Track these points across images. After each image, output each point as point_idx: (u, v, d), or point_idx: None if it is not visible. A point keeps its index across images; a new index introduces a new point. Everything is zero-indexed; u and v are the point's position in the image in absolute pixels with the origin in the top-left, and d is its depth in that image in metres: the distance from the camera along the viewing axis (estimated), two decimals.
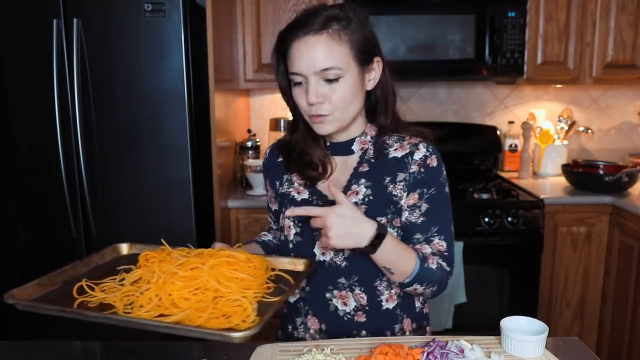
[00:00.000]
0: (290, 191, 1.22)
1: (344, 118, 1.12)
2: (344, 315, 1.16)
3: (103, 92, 2.07)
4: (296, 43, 1.08)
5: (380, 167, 1.16)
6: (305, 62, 1.07)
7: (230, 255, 1.04)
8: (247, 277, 1.00)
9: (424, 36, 2.54)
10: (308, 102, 1.09)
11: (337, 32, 1.07)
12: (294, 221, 1.18)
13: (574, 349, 1.04)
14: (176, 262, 1.04)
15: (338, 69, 1.07)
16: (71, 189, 2.10)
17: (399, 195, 1.14)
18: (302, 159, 1.20)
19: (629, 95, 3.03)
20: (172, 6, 2.01)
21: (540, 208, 2.41)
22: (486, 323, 2.50)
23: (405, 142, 1.18)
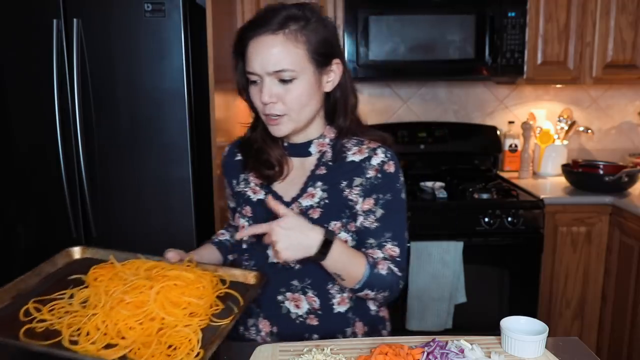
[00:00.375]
0: (246, 190, 1.21)
1: (299, 120, 1.12)
2: (296, 318, 1.16)
3: (103, 92, 2.07)
4: (253, 42, 1.07)
5: (338, 171, 1.16)
6: (260, 62, 1.06)
7: (178, 277, 1.02)
8: (194, 302, 0.98)
9: (424, 36, 2.54)
10: (262, 102, 1.09)
11: (294, 32, 1.06)
12: (248, 221, 1.18)
13: (574, 349, 1.04)
14: (124, 283, 1.01)
15: (291, 71, 1.06)
16: (71, 189, 2.10)
17: (354, 200, 1.14)
18: (259, 158, 1.19)
19: (629, 95, 3.03)
20: (172, 6, 2.01)
21: (540, 208, 2.41)
22: (486, 323, 2.50)
23: (363, 146, 1.18)
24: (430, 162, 2.89)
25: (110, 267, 1.10)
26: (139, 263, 1.11)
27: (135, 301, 0.96)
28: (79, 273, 1.12)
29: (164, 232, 2.14)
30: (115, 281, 1.03)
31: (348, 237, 1.14)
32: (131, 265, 1.10)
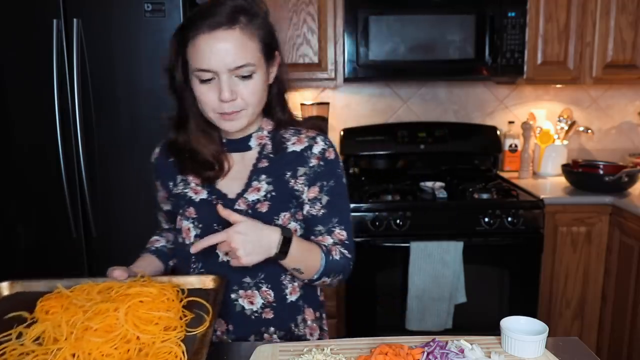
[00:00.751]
0: (186, 192, 1.18)
1: (254, 114, 1.11)
2: (252, 314, 1.16)
3: (103, 92, 2.07)
4: (204, 37, 1.02)
5: (280, 162, 1.15)
6: (218, 59, 1.02)
7: (141, 293, 0.98)
8: (164, 315, 0.95)
9: (424, 36, 2.54)
10: (221, 99, 1.04)
11: (247, 26, 1.04)
12: (193, 222, 1.15)
13: (574, 349, 1.04)
14: (83, 310, 0.95)
15: (252, 66, 1.04)
16: (71, 189, 2.10)
17: (300, 190, 1.15)
18: (196, 159, 1.15)
19: (629, 95, 3.03)
20: (172, 6, 2.02)
21: (540, 208, 2.41)
22: (486, 323, 2.50)
23: (302, 135, 1.17)
24: (430, 162, 2.89)
25: (59, 297, 1.02)
26: (88, 287, 1.06)
27: (103, 326, 0.90)
28: (13, 311, 1.03)
29: None
30: (72, 310, 0.96)
31: (297, 226, 1.15)
32: (80, 290, 1.05)
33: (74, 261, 2.15)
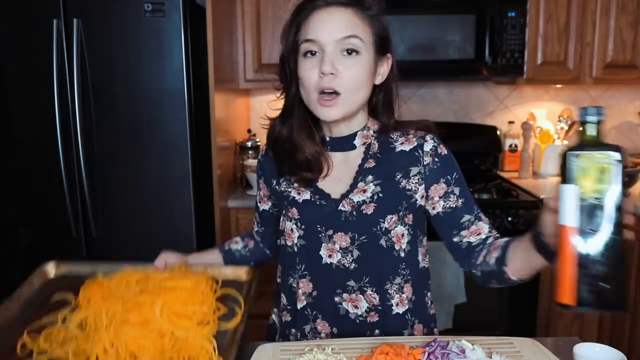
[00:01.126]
0: (289, 191, 1.15)
1: (352, 103, 1.07)
2: (356, 318, 1.13)
3: (103, 92, 2.07)
4: (318, 11, 1.05)
5: (389, 163, 1.12)
6: (327, 29, 1.03)
7: (176, 287, 1.00)
8: (199, 310, 0.97)
9: (424, 36, 2.54)
10: (321, 71, 1.03)
11: (361, 12, 1.06)
12: (296, 223, 1.13)
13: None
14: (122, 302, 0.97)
15: (359, 40, 1.04)
16: (71, 189, 2.10)
17: (413, 189, 1.11)
18: (294, 158, 1.13)
19: (629, 95, 3.03)
20: (172, 6, 2.01)
21: (540, 208, 2.41)
22: (486, 323, 2.50)
23: (410, 135, 1.15)
24: None
25: (100, 285, 1.06)
26: (127, 275, 1.08)
27: (140, 319, 0.93)
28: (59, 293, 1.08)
29: (164, 232, 2.14)
30: (111, 300, 0.99)
31: (405, 231, 1.11)
32: (120, 279, 1.07)
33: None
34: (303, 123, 1.13)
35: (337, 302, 1.13)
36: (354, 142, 1.15)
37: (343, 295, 1.12)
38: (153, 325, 0.92)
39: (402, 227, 1.11)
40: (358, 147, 1.15)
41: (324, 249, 1.11)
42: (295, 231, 1.13)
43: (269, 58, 2.57)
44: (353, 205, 1.10)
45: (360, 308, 1.12)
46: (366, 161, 1.13)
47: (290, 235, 1.14)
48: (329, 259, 1.11)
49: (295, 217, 1.13)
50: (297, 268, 1.15)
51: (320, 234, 1.11)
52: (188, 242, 2.15)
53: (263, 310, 1.39)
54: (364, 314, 1.13)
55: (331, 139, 1.16)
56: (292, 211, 1.13)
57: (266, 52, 2.58)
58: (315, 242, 1.12)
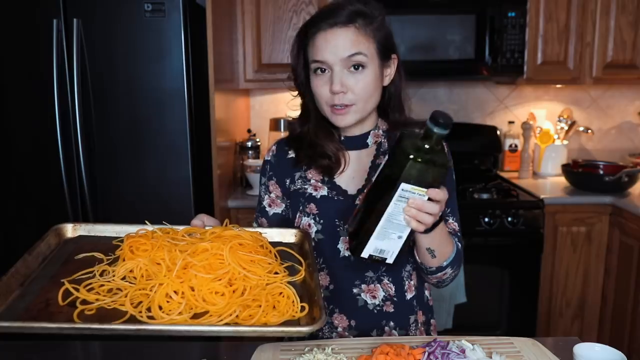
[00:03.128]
0: (306, 188, 1.19)
1: (365, 110, 1.14)
2: (374, 308, 1.17)
3: (103, 92, 2.07)
4: (322, 33, 1.09)
5: None
6: (332, 49, 1.08)
7: (237, 236, 0.95)
8: (265, 259, 0.92)
9: (424, 36, 2.54)
10: (332, 91, 1.09)
11: (363, 27, 1.09)
12: (314, 218, 1.17)
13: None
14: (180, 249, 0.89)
15: (363, 55, 1.08)
16: (71, 189, 2.10)
17: None
18: (314, 150, 1.18)
19: (629, 95, 3.03)
20: (172, 6, 2.01)
21: (540, 208, 2.41)
22: (486, 323, 2.50)
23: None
24: None
25: (145, 237, 0.96)
26: (170, 230, 1.01)
27: (206, 264, 0.85)
28: (81, 252, 0.99)
29: None
30: (162, 250, 0.89)
31: None
32: (164, 232, 0.99)
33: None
34: (320, 125, 1.19)
35: (356, 293, 1.17)
36: (367, 141, 1.21)
37: (362, 286, 1.17)
38: (227, 269, 0.85)
39: None
40: (370, 146, 1.21)
41: (341, 243, 1.17)
42: (314, 226, 1.17)
43: (269, 58, 2.57)
44: None
45: (378, 297, 1.17)
46: (378, 158, 1.20)
47: (308, 230, 1.17)
48: (347, 251, 1.16)
49: (314, 212, 1.17)
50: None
51: (339, 228, 1.16)
52: None
53: None
54: (381, 303, 1.17)
55: (345, 138, 1.21)
56: (310, 207, 1.17)
57: (266, 52, 2.58)
58: (333, 236, 1.16)
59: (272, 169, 1.25)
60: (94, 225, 1.09)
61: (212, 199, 2.29)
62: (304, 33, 1.14)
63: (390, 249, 0.96)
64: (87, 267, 0.93)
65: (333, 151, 1.17)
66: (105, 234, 1.08)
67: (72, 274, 0.91)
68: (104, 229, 1.09)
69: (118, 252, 0.96)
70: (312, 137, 1.18)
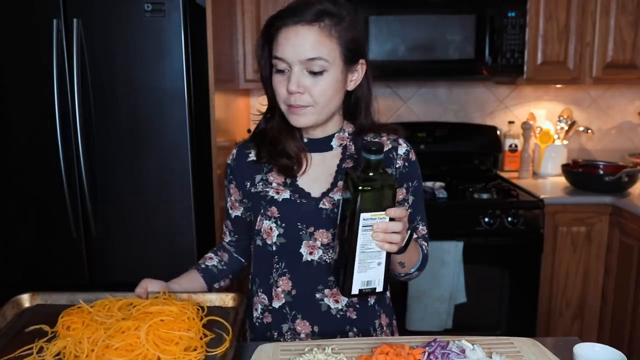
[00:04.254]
0: (267, 191, 1.16)
1: (322, 113, 1.11)
2: (337, 313, 1.16)
3: (103, 92, 2.07)
4: (285, 29, 1.06)
5: None
6: (292, 50, 1.05)
7: (162, 312, 0.98)
8: (185, 335, 0.94)
9: (424, 36, 2.54)
10: (288, 91, 1.07)
11: (329, 27, 1.06)
12: (276, 221, 1.15)
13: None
14: (104, 328, 0.94)
15: (324, 61, 1.06)
16: (71, 189, 2.10)
17: None
18: (275, 147, 1.16)
19: (629, 95, 3.03)
20: (172, 6, 2.01)
21: (540, 208, 2.41)
22: (486, 323, 2.50)
23: (384, 137, 1.20)
24: (430, 162, 2.89)
25: (80, 312, 1.03)
26: (108, 302, 1.06)
27: (124, 345, 0.90)
28: (34, 324, 1.04)
29: (164, 232, 2.14)
30: (93, 326, 0.96)
31: None
32: (101, 306, 1.05)
33: (74, 261, 2.15)
34: (284, 124, 1.16)
35: (319, 298, 1.16)
36: (331, 144, 1.19)
37: (324, 291, 1.15)
38: (138, 351, 0.89)
39: None
40: (335, 148, 1.19)
41: (304, 247, 1.14)
42: (275, 229, 1.15)
43: None
44: (334, 203, 1.14)
45: (341, 302, 1.16)
46: (344, 161, 1.18)
47: (269, 234, 1.16)
48: (310, 256, 1.14)
49: (275, 215, 1.15)
50: (275, 267, 1.17)
51: (301, 232, 1.13)
52: (188, 242, 2.15)
53: None
54: (344, 308, 1.16)
55: (309, 140, 1.19)
56: (271, 210, 1.15)
57: None
58: (295, 240, 1.14)
59: (232, 172, 1.24)
60: (50, 294, 1.14)
61: (212, 199, 2.29)
62: (269, 26, 1.10)
63: (375, 277, 0.99)
64: (34, 340, 0.98)
65: (294, 150, 1.15)
66: (60, 302, 1.13)
67: (16, 349, 0.95)
68: (59, 297, 1.13)
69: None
70: (274, 134, 1.17)
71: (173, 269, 2.21)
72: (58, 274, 2.18)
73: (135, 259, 2.15)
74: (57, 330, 1.00)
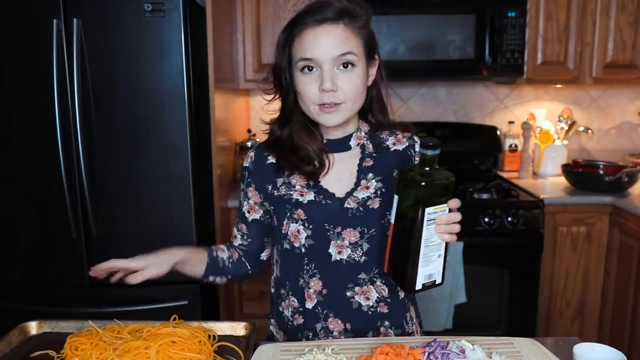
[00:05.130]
0: (291, 194, 1.16)
1: (353, 110, 1.13)
2: (368, 310, 1.16)
3: (103, 92, 2.07)
4: (311, 30, 1.08)
5: (385, 160, 1.19)
6: (323, 48, 1.07)
7: (173, 334, 0.99)
8: (196, 357, 0.95)
9: (424, 36, 2.54)
10: (322, 89, 1.07)
11: (351, 23, 1.09)
12: (303, 224, 1.15)
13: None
14: (113, 348, 0.94)
15: (354, 55, 1.08)
16: (71, 189, 2.10)
17: None
18: (297, 154, 1.16)
19: (629, 95, 3.03)
20: (172, 6, 2.01)
21: (540, 208, 2.41)
22: (486, 323, 2.50)
23: (399, 135, 1.22)
24: None
25: (89, 335, 1.03)
26: (118, 327, 1.06)
27: None
28: (40, 350, 1.04)
29: (164, 232, 2.14)
30: (102, 346, 0.96)
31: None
32: (110, 330, 1.05)
33: (74, 261, 2.15)
34: (303, 127, 1.17)
35: (349, 296, 1.16)
36: (349, 144, 1.20)
37: (355, 288, 1.16)
38: None
39: None
40: (353, 148, 1.20)
41: (332, 247, 1.15)
42: (303, 232, 1.15)
43: (269, 58, 2.57)
44: (359, 202, 1.15)
45: (372, 299, 1.17)
46: (364, 160, 1.19)
47: (297, 237, 1.16)
48: (339, 255, 1.15)
49: (302, 218, 1.15)
50: (305, 268, 1.17)
51: (329, 232, 1.14)
52: (188, 242, 2.15)
53: (263, 310, 1.39)
54: (375, 304, 1.17)
55: (328, 141, 1.20)
56: (298, 213, 1.15)
57: (266, 52, 2.58)
58: (324, 241, 1.15)
59: (251, 175, 1.23)
60: (57, 322, 1.15)
61: (212, 199, 2.29)
62: (289, 30, 1.11)
63: (435, 270, 1.03)
64: None
65: (316, 152, 1.16)
66: (68, 330, 1.12)
67: None
68: (67, 325, 1.14)
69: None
70: (295, 140, 1.17)
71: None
72: (58, 274, 2.18)
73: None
74: (64, 353, 0.99)
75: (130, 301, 2.12)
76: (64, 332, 1.11)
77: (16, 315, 1.23)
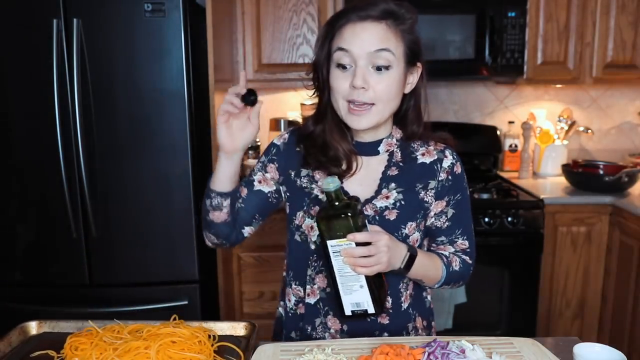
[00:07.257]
0: (312, 188, 1.17)
1: (383, 114, 1.10)
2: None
3: (103, 92, 2.07)
4: (352, 24, 1.07)
5: (410, 172, 1.17)
6: (360, 42, 1.05)
7: (173, 334, 0.99)
8: (196, 357, 0.95)
9: (424, 36, 2.49)
10: (353, 85, 1.06)
11: (394, 25, 1.08)
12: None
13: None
14: (113, 348, 0.95)
15: (391, 53, 1.06)
16: (71, 189, 2.10)
17: (429, 202, 1.17)
18: (326, 153, 1.15)
19: (629, 95, 3.03)
20: (172, 6, 2.01)
21: (540, 208, 2.41)
22: (486, 323, 2.50)
23: (431, 147, 1.19)
24: None
25: (89, 335, 1.04)
26: (118, 327, 1.06)
27: None
28: (40, 350, 1.04)
29: (164, 232, 2.14)
30: (101, 346, 0.96)
31: (419, 236, 1.17)
32: (110, 330, 1.05)
33: (74, 261, 2.15)
34: (336, 125, 1.15)
35: None
36: (378, 149, 1.18)
37: None
38: None
39: (417, 233, 1.16)
40: (381, 154, 1.18)
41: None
42: (316, 229, 1.13)
43: (269, 58, 2.57)
44: (376, 210, 1.14)
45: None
46: (389, 169, 1.17)
47: (310, 232, 1.16)
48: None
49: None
50: (313, 265, 1.17)
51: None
52: (188, 242, 2.15)
53: (263, 310, 1.39)
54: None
55: (357, 142, 1.18)
56: (315, 209, 1.15)
57: (266, 52, 2.58)
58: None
59: (278, 154, 1.22)
60: (57, 322, 1.15)
61: None
62: (331, 24, 1.11)
63: (362, 299, 1.03)
64: None
65: (345, 152, 1.14)
66: (67, 330, 1.13)
67: None
68: (67, 325, 1.14)
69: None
70: (326, 137, 1.15)
71: (173, 269, 2.22)
72: (58, 274, 2.17)
73: (135, 259, 2.15)
74: (63, 353, 1.00)
75: (130, 301, 2.12)
76: (64, 332, 1.11)
77: (16, 315, 1.23)
